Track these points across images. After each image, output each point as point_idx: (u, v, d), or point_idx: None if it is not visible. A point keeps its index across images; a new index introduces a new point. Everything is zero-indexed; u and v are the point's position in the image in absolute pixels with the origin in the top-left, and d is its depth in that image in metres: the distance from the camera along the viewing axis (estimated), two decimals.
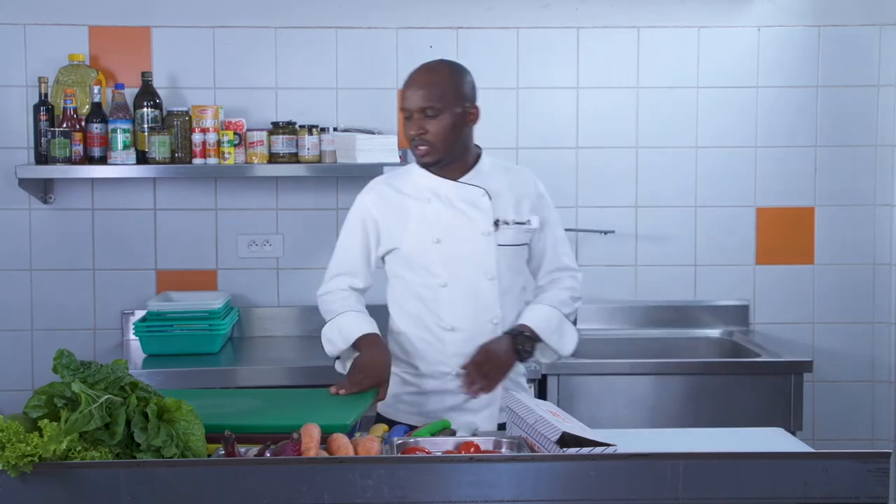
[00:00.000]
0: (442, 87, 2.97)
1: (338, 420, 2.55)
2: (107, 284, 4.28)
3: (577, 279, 3.18)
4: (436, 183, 3.05)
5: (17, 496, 2.09)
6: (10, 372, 4.23)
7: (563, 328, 3.09)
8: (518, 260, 3.10)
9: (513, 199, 3.08)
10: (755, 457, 2.19)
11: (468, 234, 3.02)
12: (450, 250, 3.01)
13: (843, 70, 4.39)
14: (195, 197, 4.29)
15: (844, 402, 4.45)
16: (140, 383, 2.30)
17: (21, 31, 4.20)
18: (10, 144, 4.21)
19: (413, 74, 3.02)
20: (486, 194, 3.03)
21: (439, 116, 2.95)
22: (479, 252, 3.02)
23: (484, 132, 4.31)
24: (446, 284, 3.01)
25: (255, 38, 4.27)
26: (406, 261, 3.05)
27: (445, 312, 3.02)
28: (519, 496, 2.12)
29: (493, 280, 3.02)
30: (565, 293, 3.13)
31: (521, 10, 4.32)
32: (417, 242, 3.02)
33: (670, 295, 4.43)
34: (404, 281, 3.07)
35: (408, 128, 2.98)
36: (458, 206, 3.03)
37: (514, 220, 3.06)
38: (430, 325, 3.04)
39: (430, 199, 3.04)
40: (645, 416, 3.82)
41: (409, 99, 2.97)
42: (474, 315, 3.02)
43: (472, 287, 3.02)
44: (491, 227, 3.02)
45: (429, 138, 2.95)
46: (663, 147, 4.39)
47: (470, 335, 3.00)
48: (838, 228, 4.43)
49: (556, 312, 3.08)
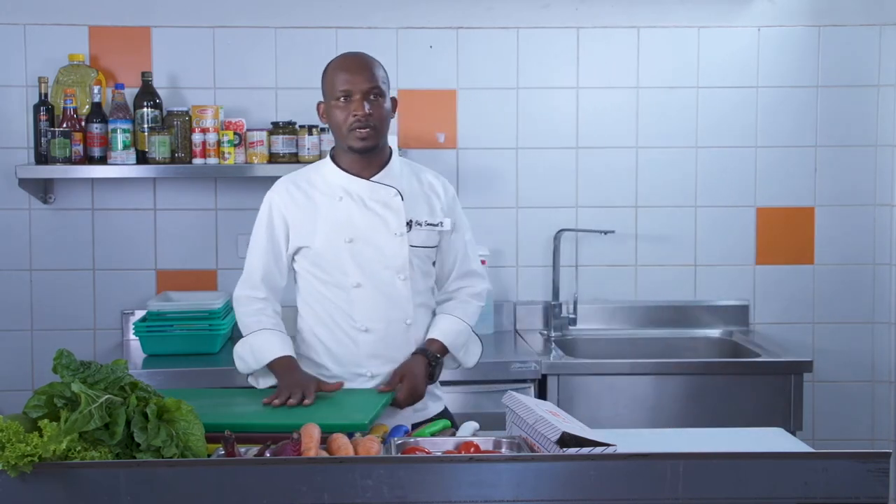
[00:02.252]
0: (380, 71, 2.96)
1: (356, 419, 2.56)
2: (107, 284, 4.28)
3: (482, 285, 3.15)
4: (347, 181, 3.00)
5: (17, 496, 2.09)
6: (10, 372, 4.23)
7: (470, 342, 3.09)
8: (427, 262, 3.07)
9: (424, 200, 3.05)
10: (755, 457, 2.19)
11: (381, 233, 2.98)
12: (362, 250, 2.97)
13: (843, 70, 4.39)
14: (195, 197, 4.29)
15: (844, 402, 4.45)
16: (140, 383, 2.30)
17: (21, 31, 4.20)
18: (10, 144, 4.21)
19: (347, 59, 2.98)
20: (398, 194, 2.99)
21: (382, 99, 2.93)
22: (392, 253, 2.98)
23: (484, 132, 4.36)
24: (359, 285, 2.97)
25: (255, 38, 4.27)
26: (316, 260, 3.01)
27: (359, 313, 2.98)
28: (519, 496, 2.12)
29: (406, 280, 2.99)
30: (474, 304, 3.11)
31: (521, 10, 4.32)
32: (329, 242, 2.98)
33: (670, 295, 4.43)
34: (314, 281, 3.02)
35: (348, 111, 2.91)
36: (370, 205, 2.99)
37: (427, 222, 3.03)
38: (343, 325, 3.00)
39: (341, 198, 2.99)
40: (645, 416, 3.82)
41: (350, 81, 2.91)
42: (388, 316, 2.98)
43: (386, 287, 2.98)
44: (404, 227, 2.98)
45: (373, 121, 2.91)
46: (663, 147, 4.39)
47: (383, 336, 2.98)
48: (838, 228, 4.43)
49: (466, 327, 3.06)
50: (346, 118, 2.92)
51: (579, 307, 4.32)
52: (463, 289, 3.11)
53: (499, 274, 4.36)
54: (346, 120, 2.93)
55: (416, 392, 2.93)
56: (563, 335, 4.29)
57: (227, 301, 4.17)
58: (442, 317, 3.06)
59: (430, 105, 4.33)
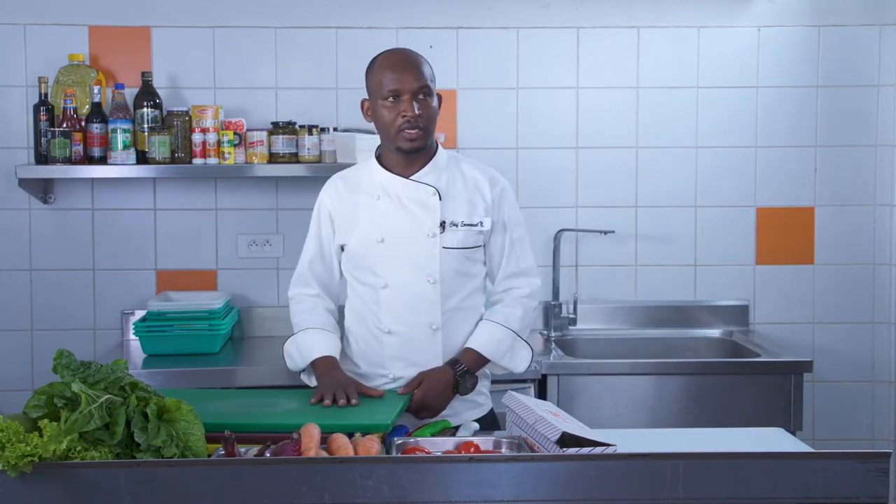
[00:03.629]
0: (428, 68, 2.92)
1: (378, 420, 2.57)
2: (107, 284, 4.28)
3: (532, 285, 3.06)
4: (387, 179, 2.97)
5: (17, 496, 2.09)
6: (10, 372, 4.23)
7: (515, 348, 3.01)
8: (467, 263, 2.99)
9: (466, 199, 2.98)
10: (755, 457, 2.19)
11: (412, 234, 2.94)
12: (392, 250, 2.95)
13: (843, 70, 4.39)
14: (195, 197, 4.29)
15: (844, 402, 4.45)
16: (140, 383, 2.30)
17: (21, 31, 4.20)
18: (10, 144, 4.21)
19: (396, 57, 2.92)
20: (436, 193, 2.95)
21: (431, 98, 2.89)
22: (421, 254, 2.94)
23: (484, 132, 4.36)
24: (387, 286, 2.96)
25: (255, 38, 4.27)
26: (352, 259, 3.01)
27: (384, 314, 2.97)
28: (519, 496, 2.12)
29: (435, 284, 2.94)
30: (518, 308, 3.02)
31: (521, 10, 4.32)
32: (363, 241, 2.98)
33: (670, 295, 4.43)
34: (352, 279, 3.04)
35: (397, 111, 2.85)
36: (406, 204, 2.96)
37: (464, 222, 2.96)
38: (370, 325, 3.00)
39: (379, 196, 2.98)
40: (645, 416, 3.82)
41: (400, 80, 2.85)
42: (412, 319, 2.96)
43: (412, 290, 2.94)
44: (437, 228, 2.94)
45: (423, 122, 2.87)
46: (663, 147, 4.39)
47: (406, 339, 2.96)
48: (838, 228, 4.43)
49: (507, 333, 2.98)
50: (395, 118, 2.87)
51: (579, 307, 4.32)
52: (511, 290, 3.04)
53: None
54: (394, 120, 2.87)
55: (431, 402, 2.88)
56: (563, 335, 4.29)
57: (227, 301, 4.18)
58: (483, 324, 3.01)
59: None
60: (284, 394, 3.04)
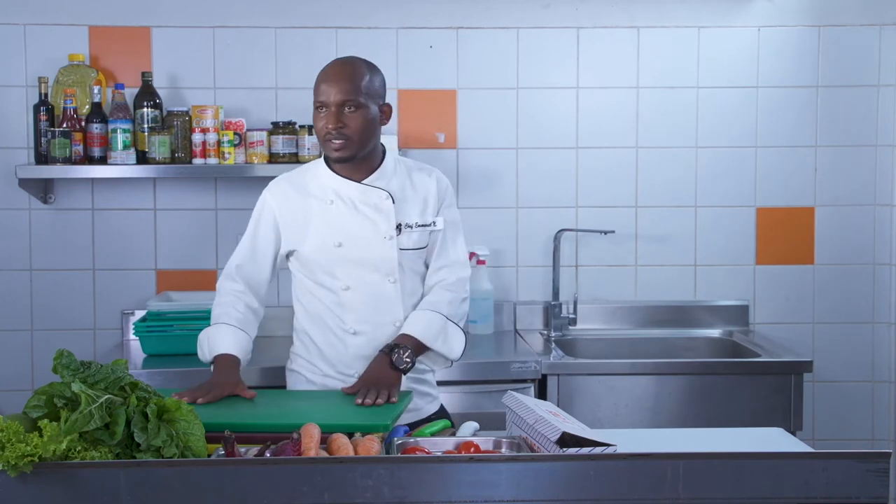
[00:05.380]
0: (362, 81, 2.93)
1: (378, 420, 2.57)
2: (107, 284, 4.28)
3: (459, 273, 3.08)
4: (338, 183, 3.01)
5: (17, 496, 2.09)
6: (10, 372, 4.23)
7: (448, 331, 3.02)
8: (421, 262, 3.07)
9: (418, 201, 3.05)
10: (755, 457, 2.19)
11: (370, 237, 2.98)
12: (351, 254, 2.98)
13: (843, 70, 4.39)
14: (195, 197, 4.29)
15: (844, 402, 4.45)
16: (140, 383, 2.31)
17: (21, 31, 4.20)
18: (10, 144, 4.21)
19: (330, 68, 2.97)
20: (389, 197, 3.00)
21: (359, 111, 2.91)
22: (380, 256, 2.98)
23: (484, 132, 4.36)
24: (348, 288, 2.99)
25: (255, 38, 4.27)
26: (307, 263, 3.03)
27: (348, 316, 3.00)
28: (519, 496, 2.12)
29: (396, 283, 3.00)
30: (445, 294, 3.05)
31: (521, 10, 4.32)
32: (319, 246, 3.00)
33: (670, 295, 4.43)
34: (307, 282, 3.05)
35: (322, 121, 2.91)
36: (360, 208, 3.00)
37: (418, 223, 3.03)
38: (332, 327, 3.02)
39: (332, 201, 3.01)
40: (645, 416, 3.82)
41: (326, 92, 2.90)
42: (376, 318, 3.00)
43: (374, 291, 3.00)
44: (393, 230, 2.98)
45: (347, 133, 2.90)
46: (663, 147, 4.39)
47: (372, 338, 2.99)
48: (838, 228, 4.43)
49: (437, 316, 3.01)
50: (322, 128, 2.93)
51: (579, 307, 4.32)
52: (440, 281, 3.08)
53: (499, 274, 4.36)
54: (321, 130, 2.94)
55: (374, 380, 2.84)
56: (563, 335, 4.29)
57: None
58: (413, 312, 3.04)
59: (430, 105, 4.33)
60: (284, 394, 3.04)
